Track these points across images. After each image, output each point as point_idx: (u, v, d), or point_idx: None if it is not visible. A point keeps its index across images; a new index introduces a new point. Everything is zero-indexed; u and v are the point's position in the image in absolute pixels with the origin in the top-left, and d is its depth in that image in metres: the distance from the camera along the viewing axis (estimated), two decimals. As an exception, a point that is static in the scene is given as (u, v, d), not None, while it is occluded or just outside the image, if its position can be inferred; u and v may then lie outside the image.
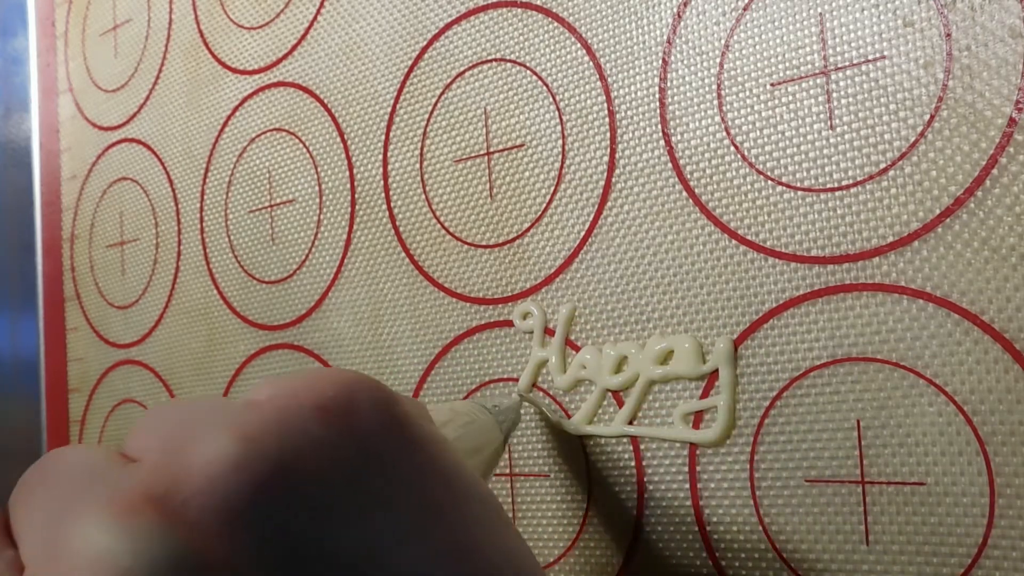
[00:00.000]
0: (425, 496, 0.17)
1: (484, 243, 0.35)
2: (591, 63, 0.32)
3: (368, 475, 0.16)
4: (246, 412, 0.16)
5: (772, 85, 0.28)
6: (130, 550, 0.14)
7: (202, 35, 0.47)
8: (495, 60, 0.35)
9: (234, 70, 0.45)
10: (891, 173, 0.26)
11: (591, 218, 0.32)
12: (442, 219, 0.36)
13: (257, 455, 0.15)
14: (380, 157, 0.38)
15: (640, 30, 0.31)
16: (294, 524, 0.15)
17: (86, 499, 0.15)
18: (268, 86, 0.43)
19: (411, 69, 0.37)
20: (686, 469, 0.30)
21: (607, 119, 0.32)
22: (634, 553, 0.31)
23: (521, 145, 0.34)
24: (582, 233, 0.32)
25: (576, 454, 0.32)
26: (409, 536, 0.16)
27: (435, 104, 0.37)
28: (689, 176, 0.30)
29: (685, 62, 0.30)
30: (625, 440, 0.31)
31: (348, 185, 0.40)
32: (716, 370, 0.29)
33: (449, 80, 0.36)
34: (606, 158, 0.32)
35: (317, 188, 0.41)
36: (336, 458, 0.16)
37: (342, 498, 0.16)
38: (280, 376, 0.18)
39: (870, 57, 0.26)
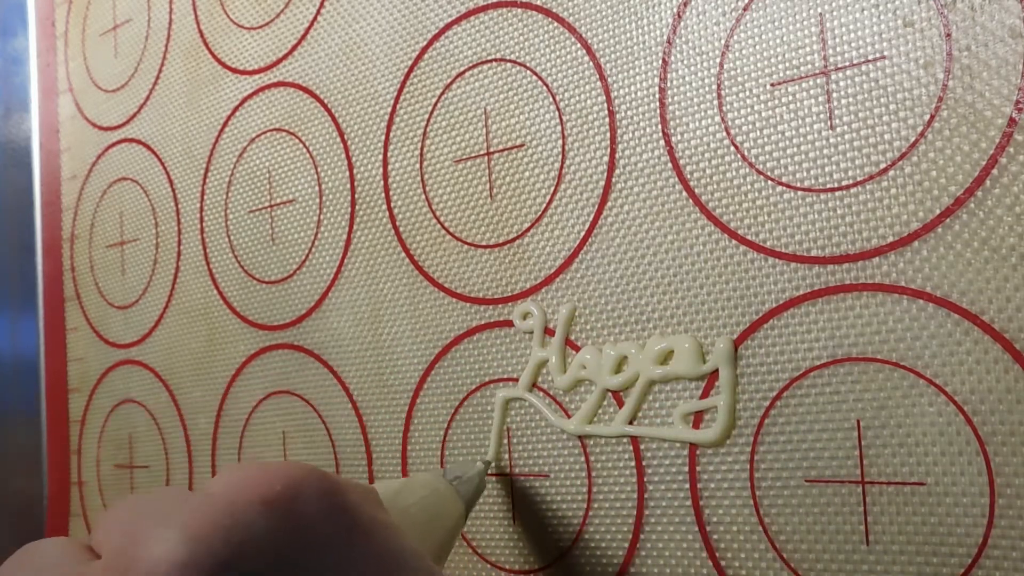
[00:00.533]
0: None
1: (484, 243, 0.35)
2: (591, 63, 0.32)
3: (311, 563, 0.17)
4: (197, 510, 0.17)
5: (772, 85, 0.28)
6: None
7: (202, 35, 0.47)
8: (495, 60, 0.35)
9: (234, 70, 0.45)
10: (891, 173, 0.26)
11: (591, 218, 0.32)
12: (442, 219, 0.36)
13: (205, 555, 0.16)
14: (380, 157, 0.38)
15: (640, 30, 0.31)
16: None
17: None
18: (268, 86, 0.43)
19: (411, 69, 0.37)
20: (686, 469, 0.29)
21: (607, 119, 0.32)
22: (634, 553, 0.31)
23: (521, 145, 0.34)
24: (582, 233, 0.32)
25: (576, 454, 0.32)
26: None
27: (435, 104, 0.37)
28: (689, 176, 0.30)
29: (685, 62, 0.30)
30: (625, 440, 0.31)
31: (348, 185, 0.40)
32: (716, 370, 0.29)
33: (449, 80, 0.36)
34: (606, 158, 0.32)
35: (317, 188, 0.41)
36: (279, 549, 0.17)
37: None
38: (235, 466, 0.19)
39: (870, 57, 0.26)
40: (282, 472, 0.18)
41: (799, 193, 0.28)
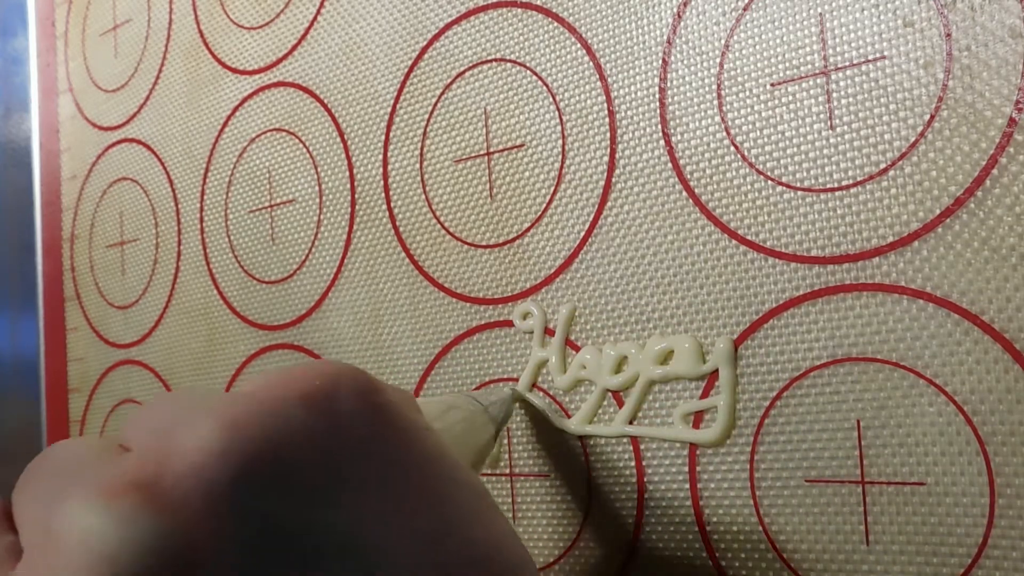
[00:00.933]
0: (406, 480, 0.18)
1: (484, 243, 0.35)
2: (591, 63, 0.32)
3: (349, 459, 0.17)
4: (234, 401, 0.17)
5: (772, 85, 0.28)
6: (116, 532, 0.14)
7: (202, 35, 0.47)
8: (495, 60, 0.35)
9: (234, 70, 0.45)
10: (891, 173, 0.26)
11: (591, 218, 0.32)
12: (442, 219, 0.36)
13: (241, 442, 0.16)
14: (380, 157, 0.38)
15: (640, 30, 0.31)
16: (277, 507, 0.16)
17: (76, 485, 0.16)
18: (268, 86, 0.43)
19: (411, 69, 0.37)
20: (686, 469, 0.30)
21: (607, 119, 0.32)
22: (634, 553, 0.31)
23: (521, 145, 0.34)
24: (582, 233, 0.32)
25: (576, 454, 0.32)
26: (390, 518, 0.17)
27: (435, 104, 0.37)
28: (689, 176, 0.30)
29: (685, 62, 0.30)
30: (625, 440, 0.31)
31: (348, 185, 0.40)
32: (716, 370, 0.29)
33: (449, 80, 0.36)
34: (606, 158, 0.32)
35: (317, 188, 0.41)
36: (318, 443, 0.17)
37: (323, 481, 0.16)
38: (275, 368, 0.18)
39: (870, 57, 0.26)
40: (320, 369, 0.18)
41: (799, 193, 0.28)
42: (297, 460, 0.16)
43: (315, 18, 0.41)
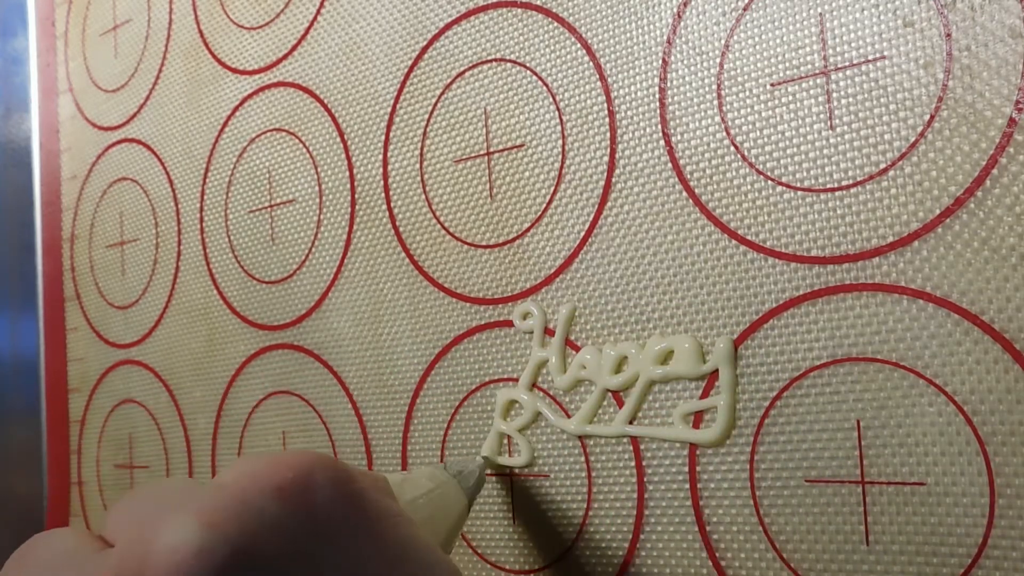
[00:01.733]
0: (380, 567, 0.18)
1: (484, 243, 0.35)
2: (591, 63, 0.32)
3: (324, 550, 0.17)
4: (212, 497, 0.17)
5: (772, 85, 0.28)
6: None
7: (202, 35, 0.47)
8: (495, 60, 0.35)
9: (234, 70, 0.45)
10: (891, 173, 0.26)
11: (591, 218, 0.32)
12: (442, 219, 0.36)
13: (218, 540, 0.16)
14: (380, 157, 0.38)
15: (640, 30, 0.31)
16: None
17: None
18: (268, 86, 0.43)
19: (411, 69, 0.37)
20: (686, 469, 0.29)
21: (607, 119, 0.32)
22: (634, 553, 0.31)
23: (521, 145, 0.34)
24: (582, 233, 0.32)
25: (576, 454, 0.32)
26: None
27: (435, 104, 0.37)
28: (689, 176, 0.30)
29: (685, 62, 0.30)
30: (625, 440, 0.31)
31: (348, 185, 0.40)
32: (716, 370, 0.29)
33: (449, 80, 0.36)
34: (606, 158, 0.32)
35: (317, 188, 0.41)
36: (292, 536, 0.17)
37: (299, 574, 0.17)
38: (248, 457, 0.19)
39: (870, 57, 0.26)
40: (293, 460, 0.18)
41: (799, 193, 0.28)
42: (273, 554, 0.17)
43: (315, 18, 0.41)
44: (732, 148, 0.29)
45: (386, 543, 0.19)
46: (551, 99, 0.33)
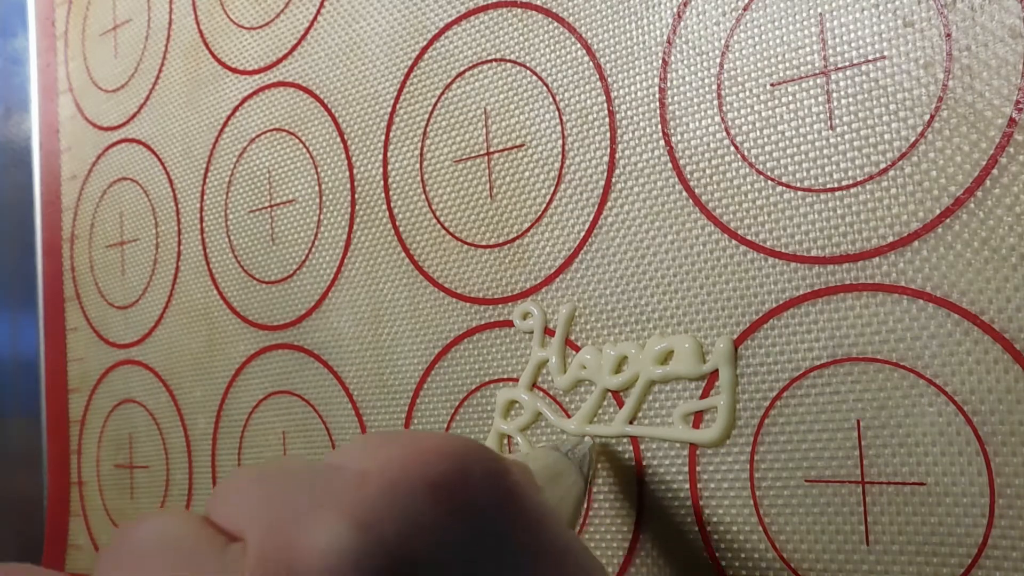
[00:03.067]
0: (538, 568, 0.16)
1: (484, 243, 0.35)
2: (591, 63, 0.32)
3: (484, 552, 0.16)
4: (354, 490, 0.15)
5: (772, 85, 0.28)
6: None
7: (202, 35, 0.47)
8: (495, 60, 0.35)
9: (234, 70, 0.45)
10: (891, 173, 0.26)
11: (591, 218, 0.32)
12: (442, 219, 0.36)
13: (376, 546, 0.14)
14: (380, 157, 0.38)
15: (640, 30, 0.31)
16: None
17: None
18: (268, 86, 0.43)
19: (411, 69, 0.37)
20: (686, 469, 0.29)
21: (607, 119, 0.32)
22: (634, 553, 0.31)
23: (521, 145, 0.34)
24: (582, 233, 0.32)
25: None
26: None
27: (435, 104, 0.37)
28: (689, 176, 0.30)
29: (685, 62, 0.30)
30: (625, 440, 0.31)
31: (348, 185, 0.40)
32: (716, 370, 0.29)
33: (449, 80, 0.36)
34: (606, 158, 0.32)
35: (317, 188, 0.41)
36: (450, 539, 0.15)
37: None
38: (383, 438, 0.17)
39: (870, 57, 0.26)
40: (445, 448, 0.16)
41: (799, 193, 0.28)
42: (431, 559, 0.15)
43: (315, 18, 0.41)
44: (732, 148, 0.29)
45: (544, 545, 0.17)
46: (551, 99, 0.33)
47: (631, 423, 0.31)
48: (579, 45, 0.33)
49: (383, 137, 0.38)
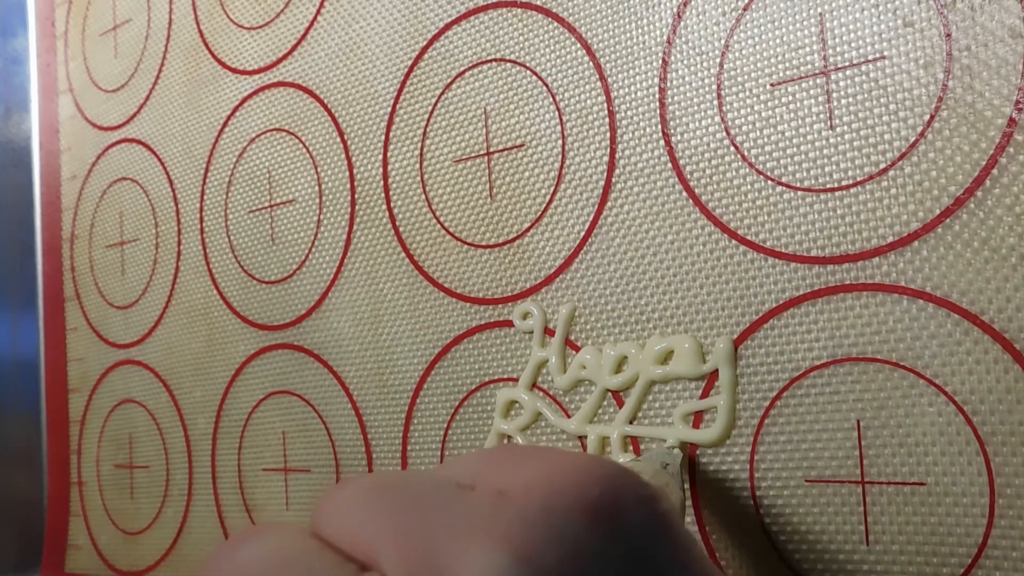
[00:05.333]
0: None
1: (484, 243, 0.35)
2: (591, 63, 0.32)
3: None
4: (499, 513, 0.14)
5: (772, 85, 0.28)
6: None
7: (202, 35, 0.47)
8: (495, 60, 0.35)
9: (234, 70, 0.45)
10: (891, 173, 0.26)
11: (591, 218, 0.32)
12: (442, 219, 0.36)
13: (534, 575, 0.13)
14: (380, 157, 0.38)
15: (640, 30, 0.31)
16: None
17: None
18: (268, 86, 0.43)
19: (411, 69, 0.37)
20: (686, 469, 0.29)
21: (607, 119, 0.32)
22: (634, 553, 0.31)
23: (521, 145, 0.34)
24: (582, 233, 0.32)
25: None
26: None
27: (435, 104, 0.37)
28: (689, 176, 0.30)
29: (685, 62, 0.30)
30: (625, 440, 0.31)
31: (348, 185, 0.40)
32: (716, 370, 0.29)
33: (449, 80, 0.36)
34: (606, 158, 0.32)
35: (317, 188, 0.41)
36: (611, 570, 0.14)
37: None
38: (499, 454, 0.16)
39: (870, 57, 0.26)
40: (596, 471, 0.15)
41: (799, 193, 0.28)
42: None
43: (315, 18, 0.41)
44: (732, 148, 0.29)
45: (691, 570, 0.16)
46: (551, 99, 0.33)
47: (631, 423, 0.31)
48: (579, 45, 0.33)
49: (383, 137, 0.38)
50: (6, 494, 0.54)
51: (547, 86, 0.33)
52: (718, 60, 0.29)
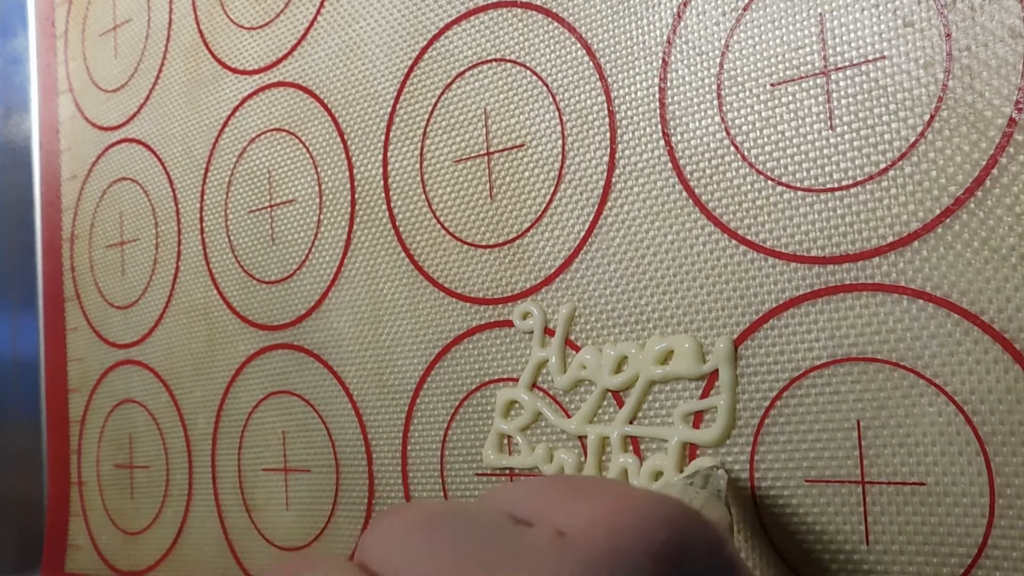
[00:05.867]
0: None
1: (484, 243, 0.35)
2: (591, 63, 0.32)
3: None
4: (564, 556, 0.13)
5: (772, 85, 0.28)
6: None
7: (202, 35, 0.47)
8: (495, 60, 0.35)
9: (234, 70, 0.45)
10: (891, 173, 0.26)
11: (591, 218, 0.32)
12: (442, 219, 0.36)
13: None
14: (380, 157, 0.38)
15: (640, 30, 0.31)
16: None
17: None
18: (268, 86, 0.43)
19: (411, 69, 0.37)
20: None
21: (607, 119, 0.32)
22: (634, 553, 0.31)
23: (521, 145, 0.34)
24: (582, 233, 0.32)
25: (576, 454, 0.32)
26: None
27: (435, 104, 0.37)
28: (689, 176, 0.30)
29: (685, 62, 0.30)
30: (625, 440, 0.31)
31: (348, 185, 0.40)
32: (716, 370, 0.29)
33: (449, 80, 0.36)
34: (606, 158, 0.32)
35: (317, 188, 0.41)
36: None
37: None
38: (552, 487, 0.15)
39: (870, 57, 0.26)
40: (660, 514, 0.14)
41: (799, 193, 0.28)
42: None
43: (315, 18, 0.41)
44: (732, 148, 0.29)
45: None
46: (551, 99, 0.33)
47: (631, 423, 0.31)
48: (579, 45, 0.33)
49: (383, 137, 0.38)
50: (6, 494, 0.54)
51: (547, 86, 0.33)
52: (718, 60, 0.29)
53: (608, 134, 0.32)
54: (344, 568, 0.14)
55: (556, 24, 0.33)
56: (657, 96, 0.31)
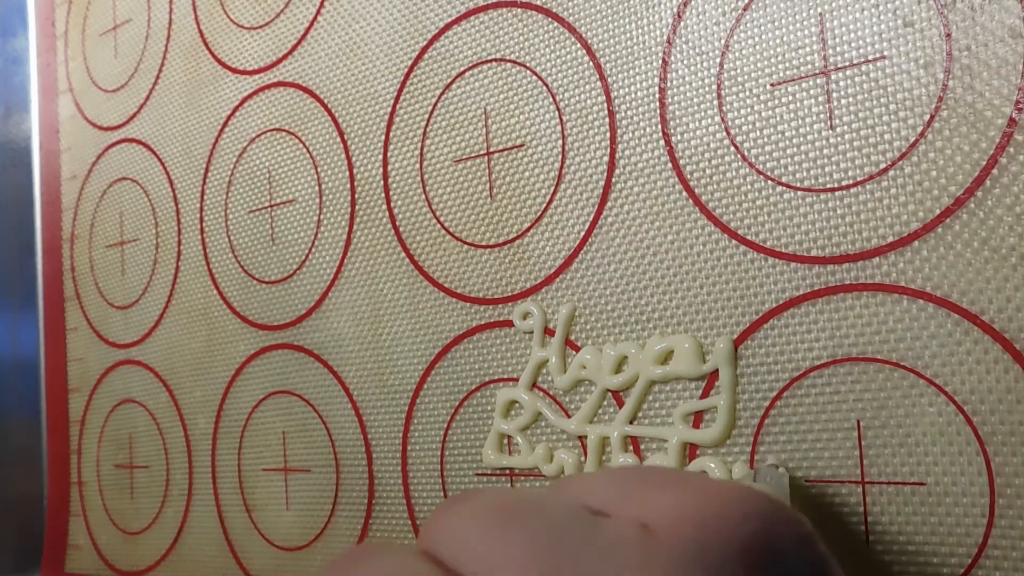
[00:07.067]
0: None
1: (484, 243, 0.35)
2: (591, 63, 0.32)
3: None
4: (651, 551, 0.13)
5: (772, 85, 0.28)
6: None
7: (202, 35, 0.47)
8: (495, 60, 0.35)
9: (234, 70, 0.45)
10: (891, 173, 0.26)
11: (591, 218, 0.32)
12: (442, 219, 0.36)
13: None
14: (380, 157, 0.38)
15: (640, 30, 0.31)
16: None
17: None
18: (268, 86, 0.43)
19: (411, 69, 0.37)
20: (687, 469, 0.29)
21: (607, 119, 0.32)
22: (634, 553, 0.31)
23: (521, 145, 0.34)
24: (582, 233, 0.32)
25: (576, 454, 0.32)
26: None
27: (435, 104, 0.37)
28: (689, 176, 0.30)
29: (685, 62, 0.30)
30: (625, 440, 0.31)
31: (348, 185, 0.40)
32: (716, 370, 0.29)
33: (449, 80, 0.36)
34: (606, 158, 0.32)
35: (317, 188, 0.41)
36: None
37: None
38: (631, 478, 0.14)
39: (870, 57, 0.26)
40: (749, 507, 0.14)
41: (799, 193, 0.28)
42: None
43: (315, 18, 0.41)
44: (732, 148, 0.29)
45: None
46: (551, 99, 0.33)
47: (631, 423, 0.31)
48: (579, 45, 0.33)
49: (383, 137, 0.38)
50: (6, 494, 0.54)
51: (547, 86, 0.33)
52: (718, 60, 0.29)
53: (608, 134, 0.32)
54: (408, 555, 0.14)
55: (556, 24, 0.33)
56: (657, 96, 0.31)
